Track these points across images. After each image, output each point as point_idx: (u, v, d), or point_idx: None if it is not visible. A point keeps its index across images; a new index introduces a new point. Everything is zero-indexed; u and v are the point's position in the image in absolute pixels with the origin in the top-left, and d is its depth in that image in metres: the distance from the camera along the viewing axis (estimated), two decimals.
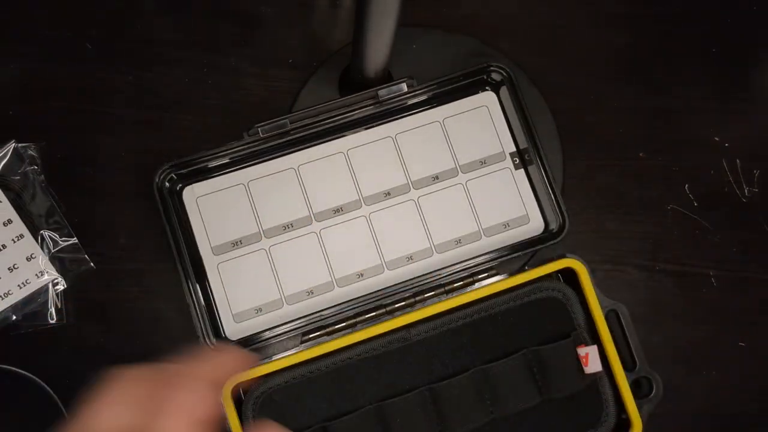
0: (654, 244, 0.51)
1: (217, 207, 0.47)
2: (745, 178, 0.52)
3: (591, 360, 0.41)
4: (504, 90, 0.48)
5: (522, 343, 0.43)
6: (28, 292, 0.48)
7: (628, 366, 0.43)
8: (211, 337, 0.45)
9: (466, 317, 0.43)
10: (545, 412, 0.42)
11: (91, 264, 0.49)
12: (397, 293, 0.46)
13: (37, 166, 0.49)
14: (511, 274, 0.45)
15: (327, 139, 0.48)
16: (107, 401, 0.29)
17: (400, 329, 0.42)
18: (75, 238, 0.48)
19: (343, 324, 0.45)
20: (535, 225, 0.48)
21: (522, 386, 0.42)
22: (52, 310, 0.48)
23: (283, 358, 0.42)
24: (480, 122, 0.48)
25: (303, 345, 0.44)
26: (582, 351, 0.42)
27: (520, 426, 0.42)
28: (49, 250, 0.48)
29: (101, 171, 0.50)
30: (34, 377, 0.47)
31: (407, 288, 0.46)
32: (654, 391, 0.43)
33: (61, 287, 0.48)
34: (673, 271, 0.51)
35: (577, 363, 0.42)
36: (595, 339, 0.43)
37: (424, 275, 0.46)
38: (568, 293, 0.43)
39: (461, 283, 0.46)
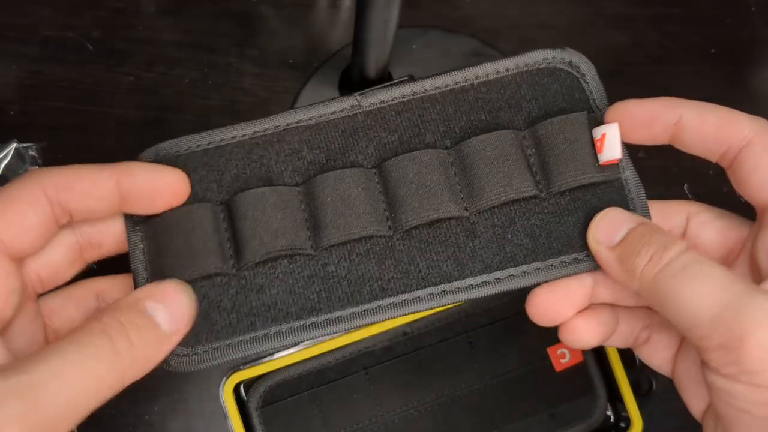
0: None
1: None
2: None
3: (609, 144, 0.29)
4: None
5: (515, 123, 0.31)
6: None
7: (629, 364, 0.43)
8: None
9: (437, 87, 0.31)
10: (544, 213, 0.30)
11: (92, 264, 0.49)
12: None
13: (38, 166, 0.49)
14: None
15: None
16: None
17: (349, 96, 0.32)
18: None
19: None
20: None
21: (509, 169, 0.29)
22: None
23: (284, 356, 0.43)
24: None
25: (303, 344, 0.44)
26: (597, 132, 0.30)
27: (505, 230, 0.30)
28: None
29: None
30: None
31: None
32: (654, 389, 0.43)
33: None
34: None
35: (590, 146, 0.30)
36: None
37: None
38: (584, 67, 0.32)
39: None
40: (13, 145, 0.49)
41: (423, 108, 0.31)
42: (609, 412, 0.45)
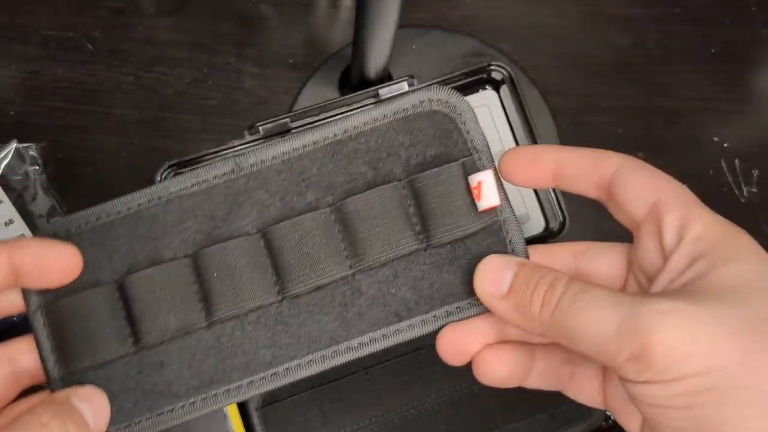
0: None
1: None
2: (744, 178, 0.52)
3: (485, 191, 0.30)
4: (504, 89, 0.48)
5: (394, 173, 0.31)
6: None
7: None
8: None
9: (315, 142, 0.31)
10: (425, 263, 0.30)
11: None
12: None
13: (38, 166, 0.49)
14: None
15: None
16: None
17: (229, 159, 0.31)
18: None
19: None
20: (535, 224, 0.48)
21: (391, 226, 0.30)
22: None
23: None
24: (480, 121, 0.48)
25: None
26: (474, 179, 0.30)
27: (389, 285, 0.30)
28: None
29: (102, 171, 0.50)
30: None
31: None
32: None
33: None
34: None
35: (467, 195, 0.30)
36: None
37: None
38: (460, 106, 0.32)
39: None
40: (13, 145, 0.49)
41: (303, 165, 0.31)
42: (609, 412, 0.45)
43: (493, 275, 0.29)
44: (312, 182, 0.31)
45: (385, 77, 0.48)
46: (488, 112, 0.49)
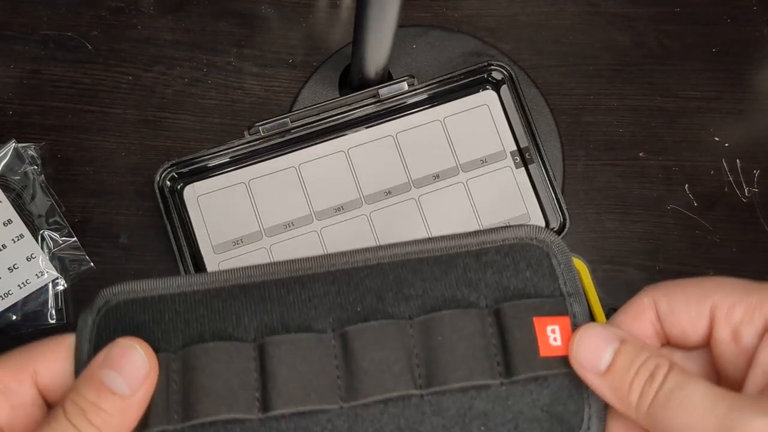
0: (654, 244, 0.51)
1: (218, 206, 0.47)
2: (745, 178, 0.52)
3: (552, 339, 0.28)
4: (505, 89, 0.48)
5: (480, 298, 0.29)
6: (28, 292, 0.47)
7: None
8: None
9: (407, 254, 0.30)
10: (497, 401, 0.28)
11: (91, 264, 0.49)
12: None
13: (37, 165, 0.49)
14: None
15: (328, 137, 0.48)
16: None
17: (319, 256, 0.30)
18: (75, 238, 0.48)
19: None
20: (535, 224, 0.48)
21: (469, 353, 0.28)
22: (52, 310, 0.48)
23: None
24: (481, 121, 0.49)
25: None
26: (553, 321, 0.28)
27: (466, 413, 0.28)
28: (49, 250, 0.48)
29: (101, 171, 0.50)
30: None
31: None
32: None
33: (61, 287, 0.48)
34: (673, 271, 0.51)
35: (546, 335, 0.28)
36: None
37: None
38: (556, 246, 0.30)
39: None
40: (12, 145, 0.49)
41: (393, 272, 0.30)
42: None
43: (592, 350, 0.27)
44: (396, 295, 0.29)
45: (385, 77, 0.48)
46: (488, 112, 0.49)
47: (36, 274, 0.48)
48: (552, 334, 0.28)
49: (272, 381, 0.27)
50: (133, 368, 0.26)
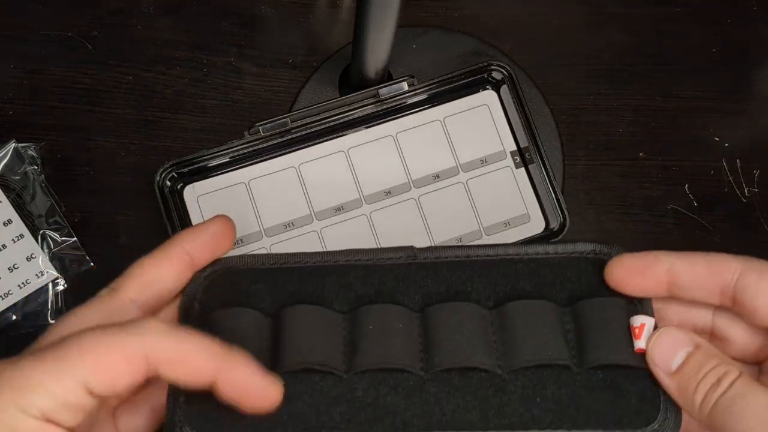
0: (654, 244, 0.51)
1: (218, 206, 0.47)
2: (745, 178, 0.52)
3: (646, 334, 0.30)
4: (505, 89, 0.48)
5: (555, 298, 0.32)
6: (28, 292, 0.47)
7: None
8: None
9: (488, 255, 0.33)
10: (574, 383, 0.30)
11: (91, 264, 0.49)
12: None
13: (37, 166, 0.49)
14: None
15: (328, 137, 0.48)
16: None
17: (407, 248, 0.33)
18: (75, 238, 0.48)
19: None
20: (535, 224, 0.48)
21: (548, 337, 0.31)
22: (52, 310, 0.48)
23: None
24: (481, 121, 0.49)
25: None
26: (637, 320, 0.31)
27: (534, 393, 0.30)
28: (49, 250, 0.48)
29: (101, 171, 0.50)
30: None
31: None
32: None
33: (61, 287, 0.48)
34: None
35: (627, 332, 0.31)
36: None
37: None
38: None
39: None
40: (12, 145, 0.49)
41: (473, 270, 0.32)
42: None
43: (667, 350, 0.29)
44: (478, 286, 0.32)
45: (385, 77, 0.48)
46: (488, 112, 0.49)
47: (36, 274, 0.48)
48: (636, 332, 0.30)
49: (361, 340, 0.30)
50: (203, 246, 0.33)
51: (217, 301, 0.32)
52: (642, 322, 0.30)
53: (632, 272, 0.31)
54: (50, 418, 0.25)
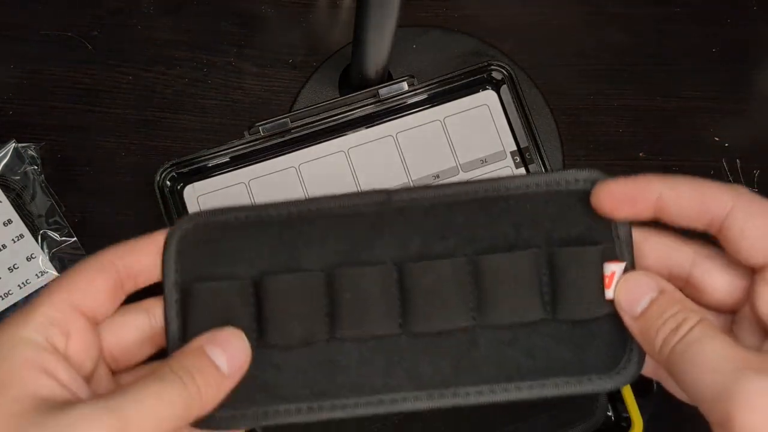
0: None
1: (218, 206, 0.47)
2: (745, 178, 0.52)
3: (616, 282, 0.31)
4: (505, 89, 0.48)
5: (535, 240, 0.31)
6: (28, 292, 0.47)
7: None
8: None
9: (467, 192, 0.32)
10: (544, 334, 0.31)
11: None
12: None
13: (37, 166, 0.49)
14: None
15: (328, 137, 0.48)
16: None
17: (382, 191, 0.32)
18: (75, 238, 0.48)
19: None
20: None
21: (520, 292, 0.31)
22: None
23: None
24: (481, 121, 0.49)
25: None
26: (608, 269, 0.30)
27: (507, 346, 0.31)
28: (49, 250, 0.48)
29: (101, 171, 0.50)
30: None
31: None
32: (654, 390, 0.43)
33: None
34: None
35: (600, 282, 0.30)
36: None
37: None
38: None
39: None
40: (12, 145, 0.49)
41: (450, 211, 0.32)
42: (609, 413, 0.45)
43: (633, 294, 0.30)
44: (455, 230, 0.32)
45: (385, 77, 0.48)
46: (488, 112, 0.49)
47: (36, 274, 0.48)
48: (607, 281, 0.30)
49: (339, 308, 0.31)
50: (236, 353, 0.29)
51: (197, 263, 0.32)
52: (612, 270, 0.30)
53: (621, 200, 0.30)
54: (51, 341, 0.28)
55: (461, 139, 0.48)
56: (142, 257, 0.31)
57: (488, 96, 0.49)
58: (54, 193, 0.49)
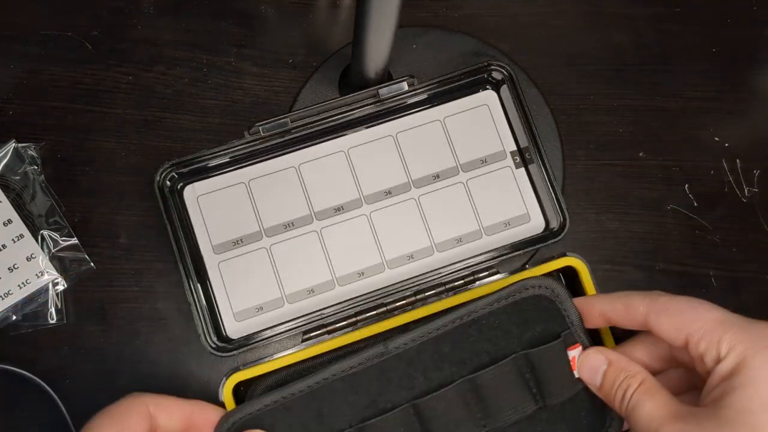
0: (654, 244, 0.51)
1: (218, 206, 0.47)
2: (745, 178, 0.52)
3: (577, 365, 0.39)
4: (505, 89, 0.48)
5: (510, 347, 0.39)
6: (28, 292, 0.47)
7: None
8: (212, 336, 0.45)
9: (445, 325, 0.39)
10: (543, 420, 0.39)
11: (91, 264, 0.49)
12: (397, 292, 0.46)
13: (37, 166, 0.49)
14: (512, 272, 0.45)
15: (328, 137, 0.48)
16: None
17: (379, 344, 0.40)
18: (75, 238, 0.48)
19: (344, 322, 0.45)
20: (535, 224, 0.48)
21: (514, 394, 0.38)
22: (52, 310, 0.48)
23: (283, 356, 0.42)
24: (481, 121, 0.49)
25: (303, 344, 0.44)
26: (570, 354, 0.39)
27: None
28: (49, 250, 0.48)
29: (101, 171, 0.50)
30: (34, 377, 0.47)
31: (408, 287, 0.46)
32: None
33: (61, 287, 0.48)
34: (673, 271, 0.51)
35: (568, 366, 0.39)
36: (596, 339, 0.43)
37: (424, 274, 0.46)
38: (557, 290, 0.40)
39: (462, 281, 0.46)
40: (12, 145, 0.49)
41: (438, 346, 0.39)
42: None
43: (590, 371, 0.38)
44: (446, 359, 0.39)
45: (385, 77, 0.48)
46: (488, 112, 0.49)
47: (36, 274, 0.48)
48: (572, 364, 0.38)
49: None
50: None
51: None
52: (573, 355, 0.39)
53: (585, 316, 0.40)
54: None
55: (461, 139, 0.48)
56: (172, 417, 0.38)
57: (488, 96, 0.49)
58: (54, 193, 0.49)
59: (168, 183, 0.46)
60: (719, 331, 0.34)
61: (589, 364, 0.38)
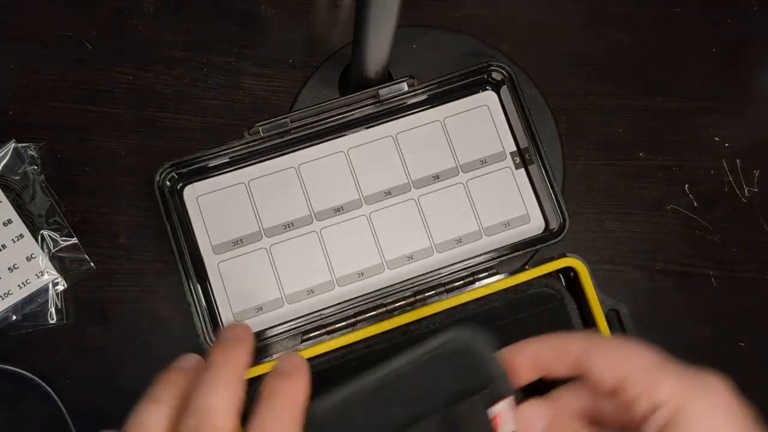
0: (654, 244, 0.51)
1: (218, 206, 0.47)
2: (745, 178, 0.52)
3: (503, 420, 0.34)
4: (504, 89, 0.48)
5: (436, 402, 0.35)
6: (28, 292, 0.47)
7: None
8: (212, 336, 0.45)
9: (379, 377, 0.36)
10: None
11: (91, 264, 0.49)
12: (397, 292, 0.46)
13: (37, 165, 0.49)
14: (512, 273, 0.45)
15: (327, 138, 0.48)
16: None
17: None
18: (75, 238, 0.48)
19: (344, 323, 0.45)
20: (535, 224, 0.48)
21: None
22: (52, 310, 0.48)
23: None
24: (480, 122, 0.49)
25: (303, 344, 0.44)
26: (490, 413, 0.34)
27: None
28: (49, 250, 0.48)
29: (101, 171, 0.50)
30: (34, 377, 0.47)
31: (408, 287, 0.46)
32: None
33: (61, 287, 0.48)
34: (673, 271, 0.51)
35: (490, 425, 0.34)
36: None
37: (424, 274, 0.46)
38: (479, 342, 0.36)
39: (462, 282, 0.46)
40: (12, 145, 0.49)
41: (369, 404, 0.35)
42: None
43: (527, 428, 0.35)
44: (373, 417, 0.35)
45: (385, 77, 0.48)
46: (488, 113, 0.49)
47: (36, 274, 0.48)
48: (493, 424, 0.34)
49: None
50: None
51: None
52: (493, 414, 0.34)
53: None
54: None
55: (461, 139, 0.48)
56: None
57: (488, 96, 0.49)
58: (54, 193, 0.49)
59: (168, 183, 0.46)
60: (659, 374, 0.31)
61: (526, 418, 0.35)
